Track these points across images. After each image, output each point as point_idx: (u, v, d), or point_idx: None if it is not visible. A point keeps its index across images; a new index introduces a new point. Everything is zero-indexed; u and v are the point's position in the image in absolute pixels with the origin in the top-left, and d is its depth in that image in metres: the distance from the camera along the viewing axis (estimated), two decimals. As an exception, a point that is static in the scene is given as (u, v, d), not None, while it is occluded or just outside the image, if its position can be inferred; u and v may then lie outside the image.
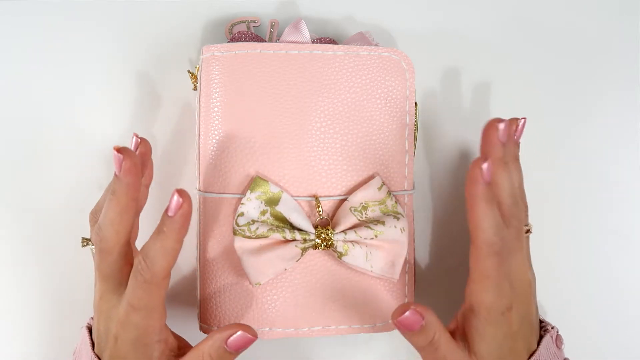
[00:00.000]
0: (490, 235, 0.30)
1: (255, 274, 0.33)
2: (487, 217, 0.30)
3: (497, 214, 0.31)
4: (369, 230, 0.34)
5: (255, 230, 0.33)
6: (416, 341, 0.32)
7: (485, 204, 0.30)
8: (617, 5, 0.43)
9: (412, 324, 0.30)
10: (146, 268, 0.30)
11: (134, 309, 0.31)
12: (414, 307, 0.30)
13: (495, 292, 0.31)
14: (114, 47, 0.40)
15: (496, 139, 0.32)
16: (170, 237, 0.30)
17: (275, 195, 0.34)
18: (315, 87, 0.35)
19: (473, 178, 0.30)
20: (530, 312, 0.34)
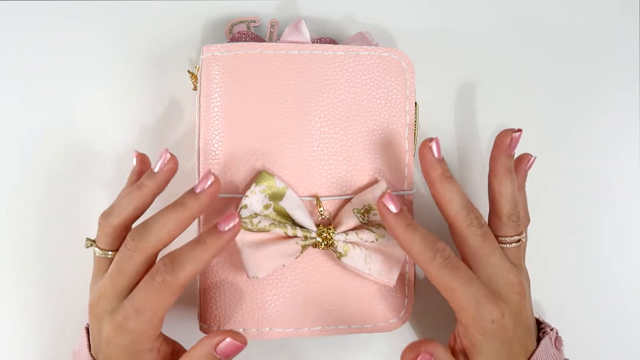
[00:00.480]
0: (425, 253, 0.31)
1: (254, 268, 0.33)
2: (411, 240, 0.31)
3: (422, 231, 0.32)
4: (370, 234, 0.34)
5: (257, 224, 0.33)
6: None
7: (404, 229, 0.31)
8: (617, 5, 0.43)
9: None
10: (171, 271, 0.30)
11: (137, 312, 0.30)
12: (424, 350, 0.30)
13: (471, 300, 0.31)
14: (114, 47, 0.40)
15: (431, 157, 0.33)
16: (209, 250, 0.30)
17: (280, 190, 0.34)
18: (315, 87, 0.35)
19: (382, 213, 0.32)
20: (524, 314, 0.33)
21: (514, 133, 0.34)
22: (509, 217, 0.34)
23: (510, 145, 0.35)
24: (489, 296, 0.31)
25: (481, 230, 0.33)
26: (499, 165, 0.35)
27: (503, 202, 0.34)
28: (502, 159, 0.35)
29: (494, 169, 0.35)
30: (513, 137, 0.34)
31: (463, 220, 0.33)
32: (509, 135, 0.35)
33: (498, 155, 0.35)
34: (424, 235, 0.32)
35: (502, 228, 0.34)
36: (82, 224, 0.39)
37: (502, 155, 0.35)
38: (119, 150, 0.39)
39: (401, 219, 0.32)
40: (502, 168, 0.35)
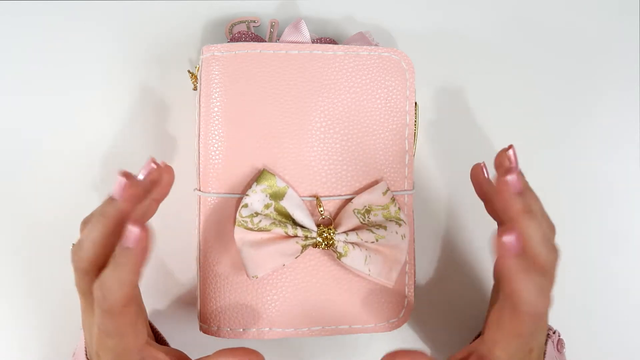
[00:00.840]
0: (537, 305, 0.27)
1: (253, 267, 0.33)
2: (528, 287, 0.27)
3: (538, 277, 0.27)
4: (370, 234, 0.34)
5: (257, 223, 0.33)
6: None
7: (523, 274, 0.27)
8: (617, 5, 0.43)
9: None
10: (103, 299, 0.28)
11: (106, 335, 0.29)
12: None
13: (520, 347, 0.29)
14: (114, 47, 0.40)
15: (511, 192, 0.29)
16: (125, 269, 0.28)
17: (281, 190, 0.34)
18: (315, 87, 0.35)
19: (502, 251, 0.27)
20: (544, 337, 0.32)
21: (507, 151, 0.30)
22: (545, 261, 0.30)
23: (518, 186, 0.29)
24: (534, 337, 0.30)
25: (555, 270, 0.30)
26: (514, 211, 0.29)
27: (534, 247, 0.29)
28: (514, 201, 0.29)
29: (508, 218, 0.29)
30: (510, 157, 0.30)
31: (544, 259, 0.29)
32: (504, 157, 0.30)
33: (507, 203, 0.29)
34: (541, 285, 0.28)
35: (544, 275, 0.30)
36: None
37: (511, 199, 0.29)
38: (119, 150, 0.39)
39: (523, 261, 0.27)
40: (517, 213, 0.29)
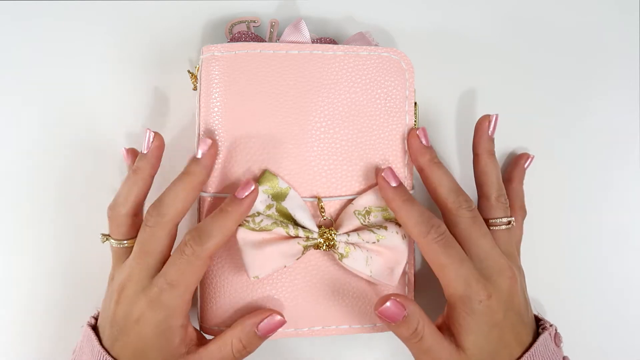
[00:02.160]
0: (421, 227, 0.32)
1: (255, 268, 0.33)
2: (410, 214, 0.32)
3: (419, 206, 0.33)
4: (372, 234, 0.34)
5: (259, 223, 0.33)
6: (400, 332, 0.32)
7: (402, 203, 0.33)
8: (617, 5, 0.43)
9: (394, 314, 0.31)
10: (199, 241, 0.31)
11: (171, 286, 0.31)
12: (394, 298, 0.31)
13: (460, 279, 0.32)
14: (114, 47, 0.40)
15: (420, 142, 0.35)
16: (231, 218, 0.32)
17: (282, 190, 0.34)
18: (315, 87, 0.35)
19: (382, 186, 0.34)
20: (516, 301, 0.34)
21: (491, 116, 0.37)
22: (497, 198, 0.36)
23: (490, 129, 0.37)
24: (478, 277, 0.32)
25: (471, 213, 0.34)
26: (482, 149, 0.37)
27: (489, 183, 0.36)
28: (484, 143, 0.37)
29: (477, 153, 0.37)
30: (491, 121, 0.37)
31: (452, 202, 0.34)
32: (487, 119, 0.37)
33: (480, 139, 0.37)
34: (420, 211, 0.33)
35: (491, 210, 0.36)
36: (84, 222, 0.39)
37: (483, 139, 0.37)
38: (119, 150, 0.39)
39: (400, 193, 0.33)
40: (485, 151, 0.37)
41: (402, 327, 0.32)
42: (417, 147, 0.35)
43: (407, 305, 0.31)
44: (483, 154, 0.37)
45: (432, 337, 0.32)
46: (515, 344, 0.33)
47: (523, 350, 0.33)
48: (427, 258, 0.33)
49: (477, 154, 0.37)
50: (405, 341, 0.33)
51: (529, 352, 0.33)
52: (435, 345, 0.32)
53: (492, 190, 0.36)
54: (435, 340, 0.32)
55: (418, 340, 0.32)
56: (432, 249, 0.32)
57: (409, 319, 0.31)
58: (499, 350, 0.32)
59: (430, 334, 0.32)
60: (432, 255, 0.32)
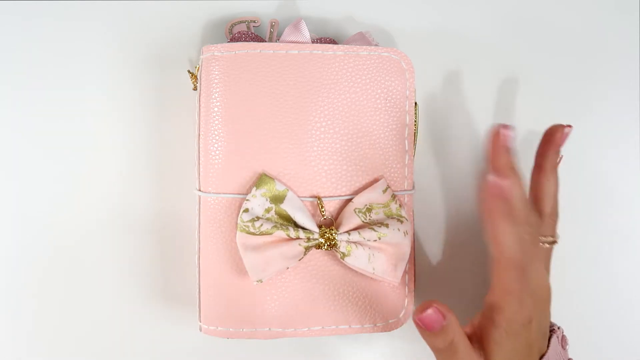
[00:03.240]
0: (513, 251, 0.29)
1: (257, 272, 0.33)
2: (507, 233, 0.29)
3: (519, 226, 0.29)
4: (373, 232, 0.34)
5: (259, 227, 0.33)
6: (434, 342, 0.30)
7: (504, 219, 0.29)
8: (617, 5, 0.43)
9: (433, 323, 0.29)
10: None
11: None
12: (436, 306, 0.29)
13: (517, 305, 0.30)
14: (114, 47, 0.40)
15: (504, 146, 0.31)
16: None
17: (280, 193, 0.34)
18: (315, 87, 0.35)
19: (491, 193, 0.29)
20: (546, 319, 0.34)
21: (564, 128, 0.34)
22: (550, 215, 0.34)
23: (561, 141, 0.34)
24: (531, 305, 0.31)
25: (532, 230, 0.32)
26: (547, 162, 0.34)
27: (546, 200, 0.34)
28: (551, 155, 0.34)
29: (541, 165, 0.34)
30: (564, 133, 0.34)
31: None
32: (560, 131, 0.34)
33: (547, 151, 0.34)
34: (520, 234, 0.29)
35: (542, 227, 0.34)
36: (83, 221, 0.39)
37: (551, 152, 0.34)
38: (119, 150, 0.39)
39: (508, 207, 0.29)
40: (550, 164, 0.34)
41: (438, 338, 0.30)
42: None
43: (447, 315, 0.29)
44: (547, 167, 0.34)
45: (465, 351, 0.31)
46: (537, 355, 0.33)
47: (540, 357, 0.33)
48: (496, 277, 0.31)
49: (541, 165, 0.34)
50: (437, 352, 0.31)
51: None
52: (466, 358, 0.31)
53: (547, 208, 0.34)
54: (468, 354, 0.31)
55: (452, 353, 0.30)
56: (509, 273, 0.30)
57: (446, 329, 0.30)
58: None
59: (464, 347, 0.30)
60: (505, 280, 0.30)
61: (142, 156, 0.39)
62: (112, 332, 0.39)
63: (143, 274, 0.39)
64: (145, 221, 0.39)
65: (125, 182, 0.39)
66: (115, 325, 0.39)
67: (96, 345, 0.39)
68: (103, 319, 0.39)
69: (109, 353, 0.39)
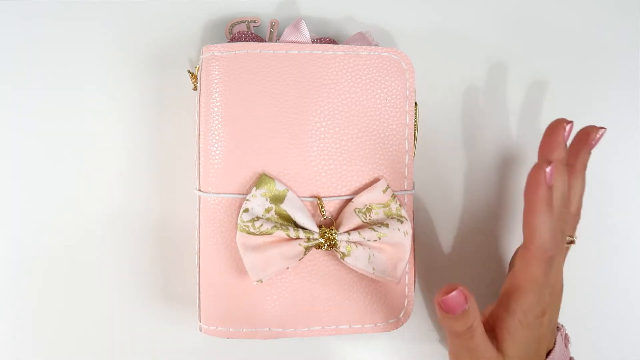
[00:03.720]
0: (547, 241, 0.29)
1: (257, 272, 0.33)
2: (545, 223, 0.29)
3: (555, 220, 0.30)
4: (373, 232, 0.34)
5: (259, 227, 0.33)
6: (454, 325, 0.30)
7: (545, 208, 0.29)
8: (617, 5, 0.43)
9: (456, 306, 0.29)
10: None
11: None
12: (461, 288, 0.29)
13: (537, 296, 0.31)
14: (114, 47, 0.40)
15: (562, 140, 0.31)
16: None
17: (280, 193, 0.34)
18: (315, 87, 0.35)
19: (535, 181, 0.29)
20: (557, 315, 0.34)
21: (599, 130, 0.34)
22: (574, 216, 0.35)
23: (594, 142, 0.34)
24: (547, 297, 0.32)
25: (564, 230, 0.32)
26: (579, 161, 0.34)
27: (573, 200, 0.34)
28: (583, 155, 0.34)
29: (572, 164, 0.34)
30: (598, 134, 0.34)
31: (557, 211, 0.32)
32: (595, 131, 0.34)
33: (580, 151, 0.34)
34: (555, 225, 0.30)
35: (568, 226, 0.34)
36: (82, 221, 0.39)
37: (583, 151, 0.34)
38: (119, 150, 0.39)
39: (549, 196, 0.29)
40: (581, 164, 0.34)
41: (459, 321, 0.30)
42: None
43: (469, 299, 0.29)
44: (578, 167, 0.34)
45: (482, 337, 0.31)
46: (544, 352, 0.34)
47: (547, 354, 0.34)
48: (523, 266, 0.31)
49: (572, 165, 0.34)
50: (454, 336, 0.31)
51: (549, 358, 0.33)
52: (481, 345, 0.31)
53: (573, 208, 0.34)
54: (483, 340, 0.31)
55: (469, 337, 0.31)
56: (539, 264, 0.30)
57: (467, 313, 0.30)
58: (532, 357, 0.33)
59: (481, 333, 0.31)
60: (533, 269, 0.31)
61: (142, 156, 0.39)
62: (112, 332, 0.39)
63: (143, 274, 0.39)
64: (145, 221, 0.39)
65: (125, 182, 0.39)
66: (115, 325, 0.39)
67: (96, 345, 0.39)
68: (103, 319, 0.39)
69: (109, 353, 0.39)
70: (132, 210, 0.39)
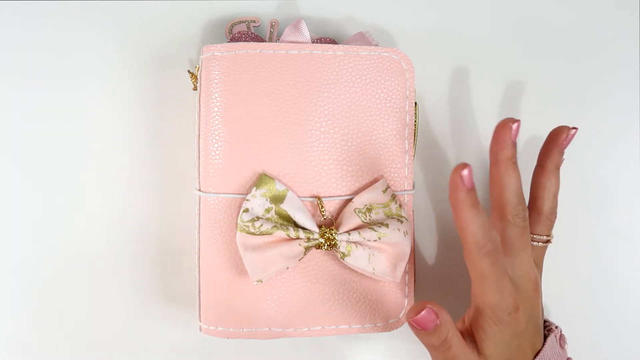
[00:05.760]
0: (479, 239, 0.30)
1: (257, 271, 0.33)
2: (472, 221, 0.30)
3: (483, 216, 0.30)
4: (373, 232, 0.34)
5: (259, 227, 0.33)
6: (429, 340, 0.31)
7: (468, 208, 0.30)
8: (617, 5, 0.43)
9: (427, 323, 0.30)
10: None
11: None
12: (430, 307, 0.30)
13: (496, 291, 0.31)
14: (114, 47, 0.40)
15: (508, 139, 0.32)
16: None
17: (280, 193, 0.34)
18: (315, 87, 0.35)
19: (454, 185, 0.30)
20: (537, 312, 0.34)
21: (570, 130, 0.34)
22: (548, 215, 0.35)
23: (565, 142, 0.35)
24: (512, 291, 0.32)
25: (523, 224, 0.33)
26: (550, 162, 0.35)
27: (546, 199, 0.35)
28: (554, 155, 0.35)
29: (543, 165, 0.35)
30: (569, 135, 0.34)
31: (512, 208, 0.33)
32: (565, 132, 0.34)
33: (551, 151, 0.35)
34: (483, 221, 0.31)
35: (537, 225, 0.35)
36: (83, 225, 0.39)
37: (555, 152, 0.35)
38: (119, 150, 0.39)
39: (471, 197, 0.30)
40: (553, 165, 0.35)
41: (433, 336, 0.31)
42: (503, 140, 0.33)
43: (440, 314, 0.31)
44: (549, 167, 0.35)
45: (459, 346, 0.32)
46: (530, 351, 0.34)
47: (534, 354, 0.34)
48: (470, 265, 0.32)
49: (543, 166, 0.35)
50: (432, 349, 0.32)
51: (537, 358, 0.33)
52: (460, 353, 0.32)
53: (546, 208, 0.35)
54: (461, 349, 0.32)
55: (446, 349, 0.31)
56: (480, 259, 0.31)
57: (440, 328, 0.31)
58: (515, 357, 0.33)
59: (457, 343, 0.31)
60: (477, 265, 0.31)
61: (142, 156, 0.39)
62: (112, 332, 0.39)
63: (143, 273, 0.39)
64: (145, 221, 0.39)
65: (125, 182, 0.39)
66: (115, 325, 0.39)
67: (96, 345, 0.39)
68: (103, 319, 0.39)
69: (109, 353, 0.39)
70: (132, 210, 0.39)
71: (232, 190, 0.35)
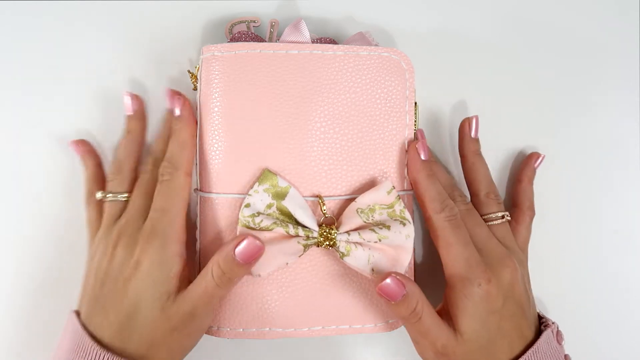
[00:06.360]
0: (436, 204, 0.34)
1: (257, 265, 0.33)
2: (429, 188, 0.34)
3: (439, 185, 0.35)
4: (373, 234, 0.34)
5: (259, 223, 0.33)
6: (399, 311, 0.32)
7: (425, 177, 0.34)
8: (617, 5, 0.43)
9: (394, 292, 0.32)
10: (171, 165, 0.34)
11: (162, 212, 0.33)
12: (394, 275, 0.32)
13: (463, 261, 0.33)
14: (114, 47, 0.40)
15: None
16: (184, 131, 0.35)
17: (283, 189, 0.34)
18: (315, 87, 0.35)
19: (412, 157, 0.35)
20: (516, 292, 0.34)
21: (471, 119, 0.38)
22: (486, 194, 0.37)
23: (472, 131, 0.38)
24: (479, 261, 0.33)
25: (465, 205, 0.36)
26: (467, 150, 0.38)
27: (477, 180, 0.38)
28: (467, 144, 0.38)
29: (463, 154, 0.39)
30: (471, 123, 0.38)
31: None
32: (467, 122, 0.38)
33: (463, 141, 0.39)
34: (439, 189, 0.34)
35: (482, 206, 0.37)
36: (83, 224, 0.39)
37: (466, 141, 0.38)
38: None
39: (426, 167, 0.35)
40: (470, 151, 0.38)
41: (401, 306, 0.32)
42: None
43: (406, 284, 0.32)
44: (468, 154, 0.38)
45: (431, 319, 0.33)
46: (516, 336, 0.33)
47: (525, 345, 0.33)
48: (434, 236, 0.34)
49: (463, 155, 0.39)
50: (404, 321, 0.34)
51: (532, 349, 0.33)
52: (433, 327, 0.33)
53: (481, 187, 0.37)
54: (434, 322, 0.33)
55: (417, 320, 0.32)
56: (441, 226, 0.34)
57: (408, 297, 0.32)
58: (496, 338, 0.33)
59: (429, 315, 0.32)
60: (440, 233, 0.34)
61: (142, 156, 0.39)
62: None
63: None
64: (145, 221, 0.39)
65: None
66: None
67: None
68: (103, 319, 0.39)
69: (109, 353, 0.39)
70: (132, 210, 0.39)
71: (232, 190, 0.35)
